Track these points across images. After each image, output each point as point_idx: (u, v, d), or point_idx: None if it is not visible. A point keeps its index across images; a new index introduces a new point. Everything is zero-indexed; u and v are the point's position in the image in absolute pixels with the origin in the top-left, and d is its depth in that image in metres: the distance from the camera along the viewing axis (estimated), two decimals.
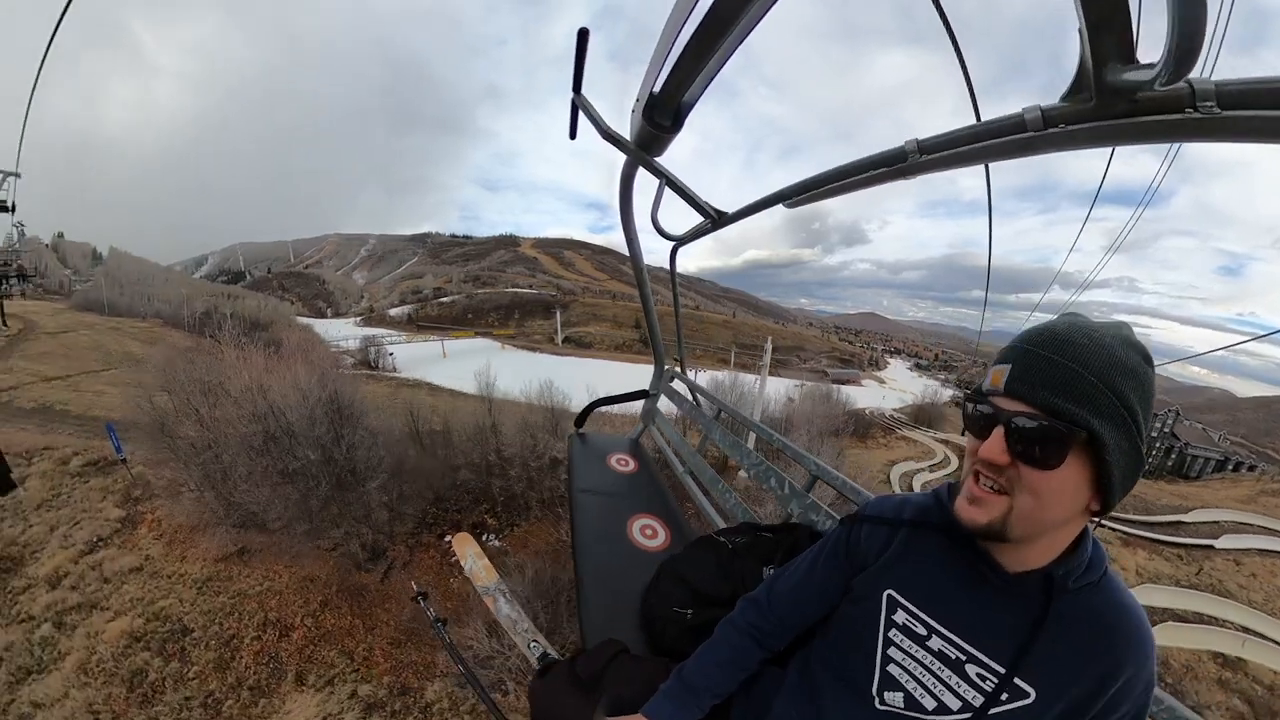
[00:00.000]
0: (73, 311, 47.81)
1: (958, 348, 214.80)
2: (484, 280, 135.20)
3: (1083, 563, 0.70)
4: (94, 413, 23.10)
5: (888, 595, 0.81)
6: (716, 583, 1.32)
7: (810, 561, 0.96)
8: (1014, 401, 0.64)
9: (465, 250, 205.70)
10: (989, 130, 0.80)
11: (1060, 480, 0.62)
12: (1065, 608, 0.69)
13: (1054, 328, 0.65)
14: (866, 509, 0.93)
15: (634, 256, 2.29)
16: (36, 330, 40.01)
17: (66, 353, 36.65)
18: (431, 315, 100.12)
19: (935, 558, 0.79)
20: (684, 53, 0.82)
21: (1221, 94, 0.55)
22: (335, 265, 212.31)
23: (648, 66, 0.93)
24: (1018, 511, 0.65)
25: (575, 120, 1.17)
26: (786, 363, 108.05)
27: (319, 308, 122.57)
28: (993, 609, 0.73)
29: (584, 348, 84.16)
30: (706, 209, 1.69)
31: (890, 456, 31.42)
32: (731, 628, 0.99)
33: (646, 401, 3.01)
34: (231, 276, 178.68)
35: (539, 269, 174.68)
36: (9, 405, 23.41)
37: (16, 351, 35.52)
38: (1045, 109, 0.68)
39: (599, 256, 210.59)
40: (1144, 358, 0.63)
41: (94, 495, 11.81)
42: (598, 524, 2.02)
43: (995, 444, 0.64)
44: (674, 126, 1.05)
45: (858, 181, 1.13)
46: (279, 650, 8.72)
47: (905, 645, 0.78)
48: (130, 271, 65.57)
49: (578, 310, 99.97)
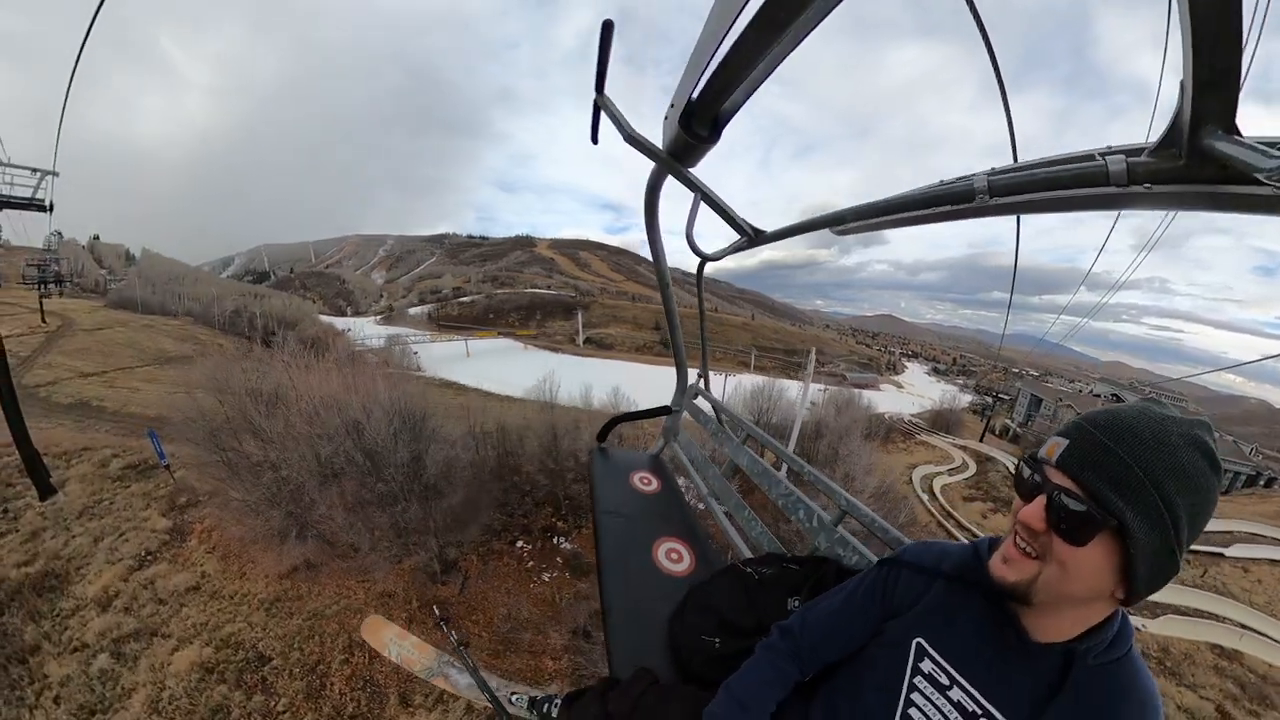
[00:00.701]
0: (108, 309, 48.71)
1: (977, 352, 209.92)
2: (502, 280, 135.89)
3: (1105, 640, 0.72)
4: (130, 409, 23.04)
5: (917, 643, 0.85)
6: (742, 613, 1.32)
7: (846, 598, 1.00)
8: (1062, 475, 0.68)
9: (482, 251, 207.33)
10: (1068, 177, 0.75)
11: (1086, 558, 0.65)
12: (1082, 679, 0.72)
13: (1121, 414, 0.66)
14: (905, 555, 0.96)
15: (659, 269, 2.21)
16: (74, 327, 40.69)
17: (102, 349, 37.12)
18: (452, 315, 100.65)
19: (968, 614, 0.83)
20: (728, 57, 0.75)
21: None
22: (354, 265, 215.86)
23: (685, 69, 0.87)
24: (1044, 578, 0.69)
25: (597, 123, 1.13)
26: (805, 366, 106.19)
27: (339, 306, 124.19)
28: (1014, 672, 0.76)
29: (605, 349, 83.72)
30: (745, 226, 1.64)
31: (911, 460, 31.02)
32: (773, 651, 1.03)
33: (669, 418, 2.93)
34: (257, 276, 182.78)
35: (555, 269, 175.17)
36: (47, 400, 23.46)
37: (55, 347, 36.08)
38: (1131, 161, 0.64)
39: (615, 257, 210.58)
40: (1211, 464, 0.62)
41: (136, 502, 11.22)
42: (623, 547, 1.98)
43: (1035, 511, 0.69)
44: (711, 136, 0.99)
45: (918, 217, 1.05)
46: (372, 673, 7.83)
47: (928, 692, 0.81)
48: (161, 271, 67.07)
49: (597, 311, 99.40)
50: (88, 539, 9.83)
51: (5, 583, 8.43)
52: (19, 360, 31.40)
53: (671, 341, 2.71)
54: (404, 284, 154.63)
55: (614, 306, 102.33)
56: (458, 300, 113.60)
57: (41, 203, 10.23)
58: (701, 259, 2.15)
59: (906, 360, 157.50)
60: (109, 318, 45.79)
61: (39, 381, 25.67)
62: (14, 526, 9.92)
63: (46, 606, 8.26)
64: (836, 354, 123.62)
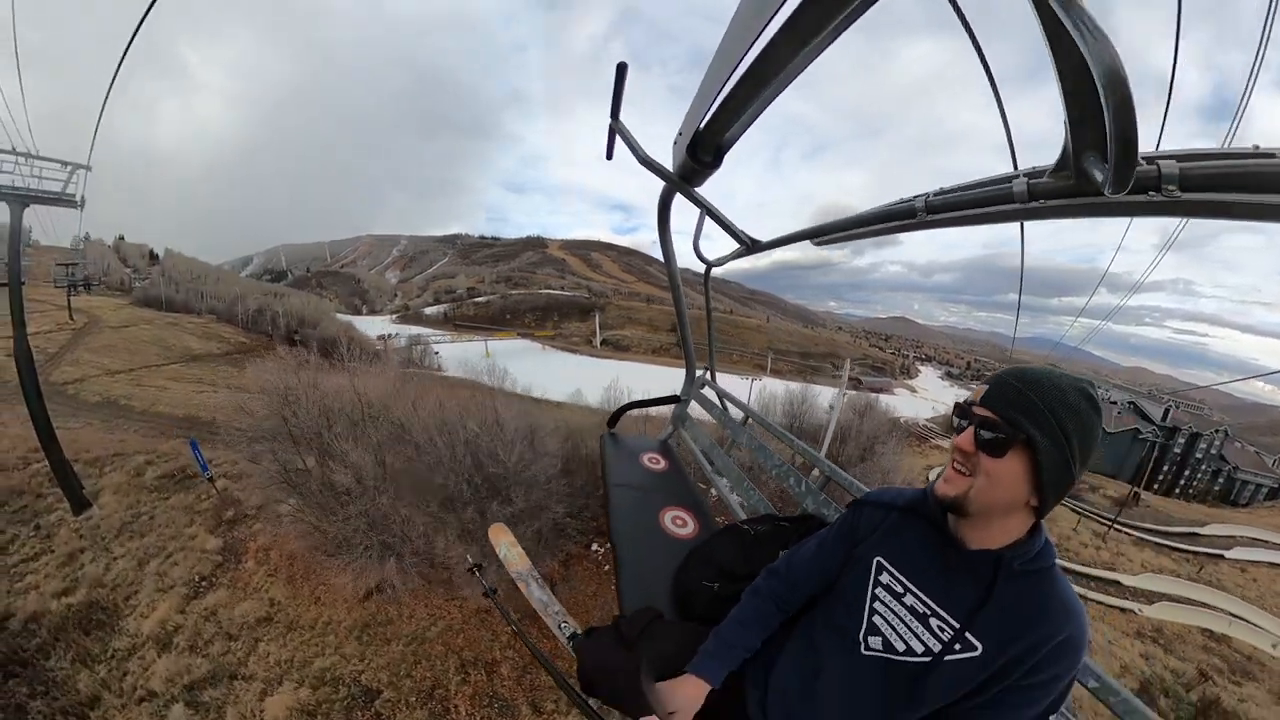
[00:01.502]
0: (133, 307, 48.77)
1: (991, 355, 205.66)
2: (516, 281, 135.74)
3: (1029, 551, 0.87)
4: (158, 409, 22.47)
5: (877, 561, 1.01)
6: (739, 564, 1.50)
7: (821, 538, 1.17)
8: (984, 410, 0.85)
9: (494, 251, 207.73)
10: (984, 198, 0.92)
11: (1006, 468, 0.82)
12: (1011, 583, 0.86)
13: (1029, 369, 0.86)
14: (869, 496, 1.15)
15: (671, 274, 2.47)
16: (100, 324, 40.62)
17: (128, 346, 36.95)
18: (468, 315, 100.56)
19: (917, 536, 0.99)
20: (730, 96, 0.87)
21: (1185, 178, 0.65)
22: (369, 265, 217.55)
23: (692, 103, 1.00)
24: (975, 489, 0.85)
25: (612, 143, 1.30)
26: (820, 369, 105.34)
27: (355, 305, 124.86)
28: (955, 577, 0.91)
29: (621, 350, 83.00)
30: (742, 237, 1.91)
31: (927, 463, 30.38)
32: (756, 595, 1.20)
33: (677, 407, 3.17)
34: (275, 275, 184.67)
35: (568, 270, 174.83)
36: (75, 398, 23.03)
37: (82, 344, 35.98)
38: (1031, 182, 0.80)
39: (625, 258, 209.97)
40: (1093, 407, 0.82)
41: (179, 517, 10.28)
42: (632, 513, 2.18)
43: (966, 437, 0.86)
44: (714, 162, 1.14)
45: (874, 230, 1.25)
46: (495, 689, 7.19)
47: (886, 600, 0.97)
48: (184, 270, 67.69)
49: (612, 313, 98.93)
50: (131, 562, 8.82)
51: (47, 618, 7.32)
52: (47, 357, 31.19)
53: (681, 338, 2.98)
54: (418, 284, 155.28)
55: (629, 308, 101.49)
56: (473, 300, 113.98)
57: (71, 198, 9.43)
58: (706, 265, 2.41)
59: (920, 364, 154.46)
60: (134, 315, 45.80)
61: (67, 379, 25.30)
62: (48, 546, 8.95)
63: (98, 647, 7.12)
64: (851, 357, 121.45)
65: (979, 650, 0.85)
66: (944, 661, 0.87)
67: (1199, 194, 0.65)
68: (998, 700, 0.85)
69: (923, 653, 0.90)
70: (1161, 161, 0.66)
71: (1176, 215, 0.70)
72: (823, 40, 0.73)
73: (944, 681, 0.87)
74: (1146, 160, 0.65)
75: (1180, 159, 0.66)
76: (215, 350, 40.88)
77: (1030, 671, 0.82)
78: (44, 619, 7.29)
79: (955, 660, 0.86)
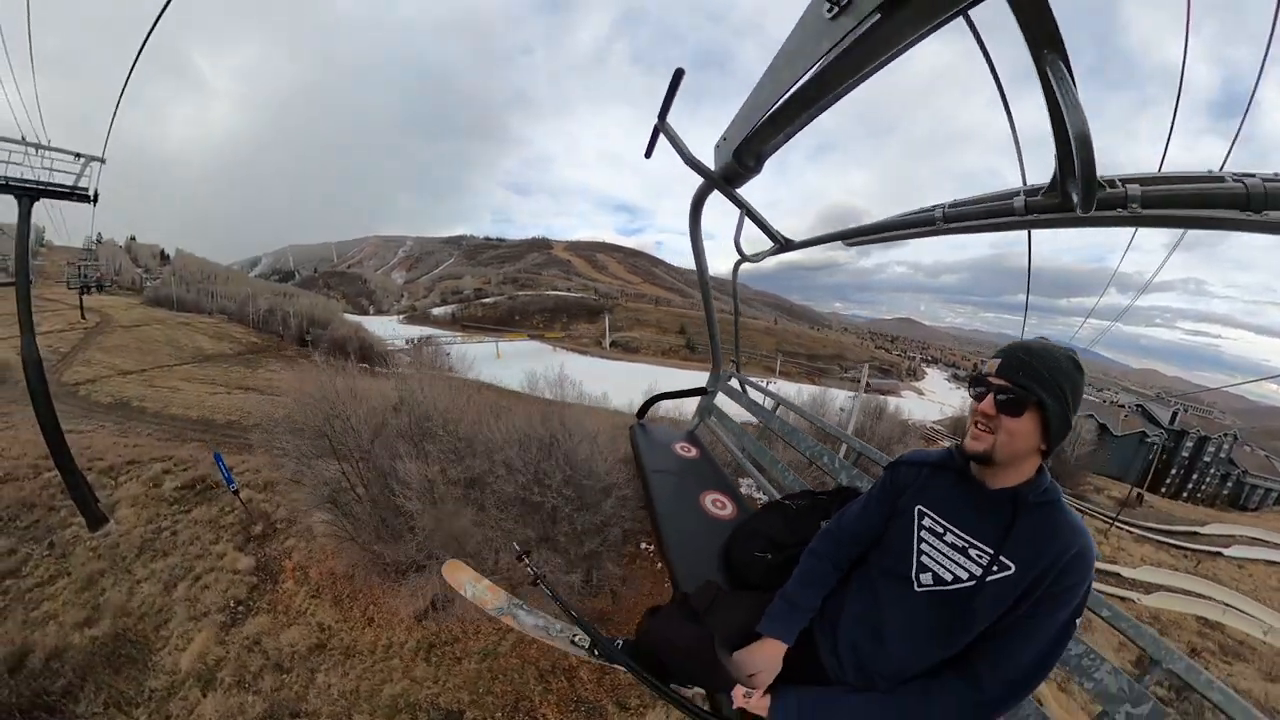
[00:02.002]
0: (144, 307, 48.53)
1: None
2: (523, 283, 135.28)
3: (1039, 487, 1.06)
4: (171, 411, 21.92)
5: (918, 509, 1.18)
6: (786, 535, 1.63)
7: (866, 499, 1.34)
8: (1000, 379, 1.03)
9: (500, 252, 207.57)
10: (990, 210, 1.12)
11: (1021, 425, 1.02)
12: (1029, 513, 1.04)
13: (1030, 343, 1.06)
14: (904, 456, 1.32)
15: (700, 271, 2.58)
16: (112, 323, 40.31)
17: (140, 346, 36.54)
18: (476, 316, 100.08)
19: (948, 485, 1.17)
20: (781, 109, 0.97)
21: (1146, 197, 0.85)
22: (375, 265, 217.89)
23: (741, 110, 1.10)
24: (999, 443, 1.03)
25: (654, 142, 1.36)
26: (828, 372, 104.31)
27: (362, 305, 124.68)
28: (983, 513, 1.09)
29: (631, 352, 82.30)
30: (777, 236, 2.05)
31: None
32: (814, 555, 1.33)
33: (704, 399, 3.29)
34: (282, 276, 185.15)
35: (573, 271, 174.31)
36: (87, 399, 22.54)
37: (94, 344, 35.62)
38: (1029, 199, 1.02)
39: (631, 259, 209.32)
40: (1079, 369, 1.02)
41: (203, 533, 9.50)
42: (673, 497, 2.27)
43: (988, 403, 1.04)
44: (756, 167, 1.30)
45: (899, 234, 1.49)
46: (578, 693, 6.85)
47: (930, 540, 1.14)
48: (195, 270, 67.57)
49: (620, 315, 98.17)
50: (157, 586, 8.00)
51: (70, 654, 6.48)
52: (59, 357, 30.79)
53: (709, 333, 3.06)
54: (424, 284, 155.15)
55: (636, 310, 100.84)
56: (480, 301, 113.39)
57: (85, 192, 8.75)
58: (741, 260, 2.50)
59: (926, 365, 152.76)
60: (146, 315, 45.51)
61: (78, 379, 24.84)
62: (64, 568, 8.13)
63: (132, 688, 6.30)
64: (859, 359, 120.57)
65: (1012, 569, 1.02)
66: (986, 583, 1.04)
67: (1157, 210, 0.85)
68: (1033, 611, 1.01)
69: (968, 579, 1.06)
70: (1128, 185, 0.86)
71: (1139, 227, 0.91)
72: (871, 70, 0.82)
73: (988, 600, 1.03)
74: (1122, 181, 0.87)
75: (1143, 182, 0.86)
76: (227, 350, 40.44)
77: (1055, 581, 0.99)
78: (67, 655, 6.50)
79: (995, 580, 1.03)
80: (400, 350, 43.48)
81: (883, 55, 0.77)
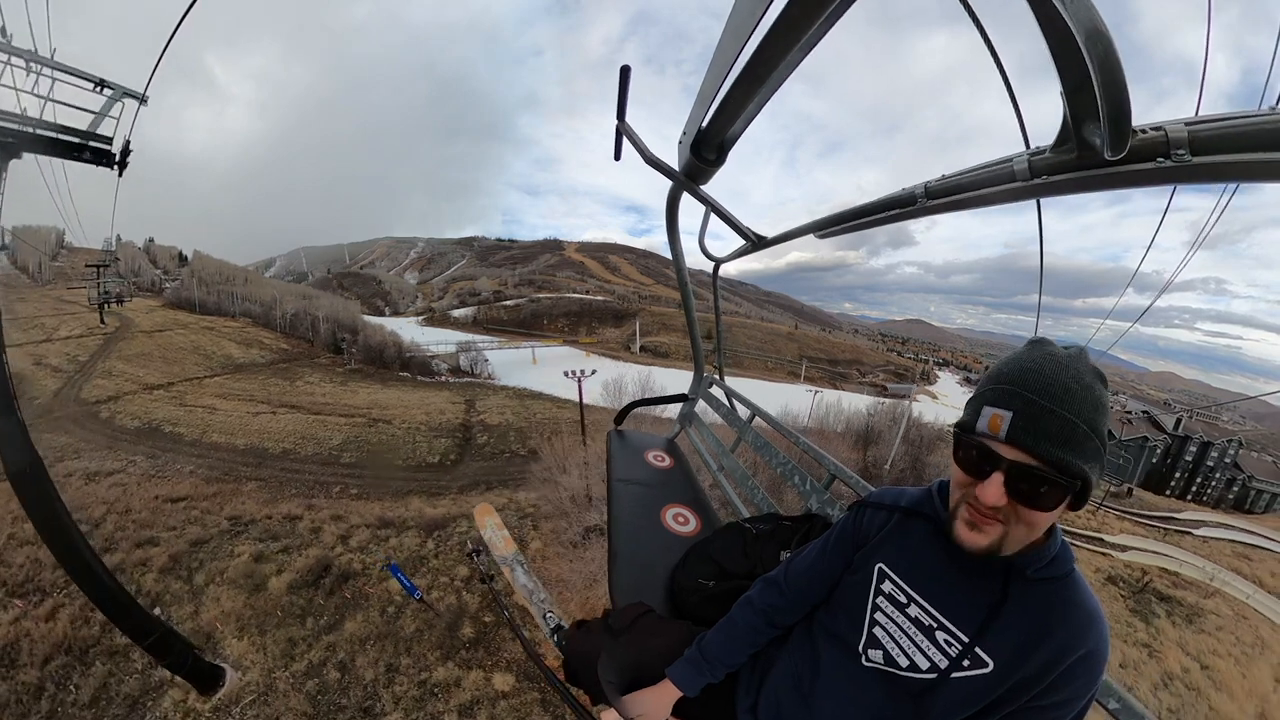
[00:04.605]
0: (165, 309, 45.77)
1: None
2: (539, 284, 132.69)
3: (1045, 556, 0.75)
4: (211, 437, 18.68)
5: (879, 568, 0.90)
6: (739, 561, 1.43)
7: (822, 544, 1.04)
8: (1015, 451, 0.67)
9: (512, 254, 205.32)
10: (984, 179, 0.87)
11: (1050, 514, 0.70)
12: (1025, 593, 0.75)
13: (1041, 370, 0.68)
14: (871, 496, 1.02)
15: (679, 271, 2.48)
16: (133, 328, 37.31)
17: (164, 354, 33.42)
18: (499, 319, 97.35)
19: (921, 540, 0.88)
20: (729, 94, 0.87)
21: (1194, 140, 0.60)
22: (387, 266, 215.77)
23: (694, 103, 0.99)
24: (1012, 537, 0.72)
25: (620, 144, 1.23)
26: (847, 377, 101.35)
27: (377, 306, 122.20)
28: (963, 587, 0.80)
29: (660, 356, 79.48)
30: (748, 233, 1.81)
31: None
32: (749, 607, 1.07)
33: (684, 405, 3.11)
34: (296, 277, 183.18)
35: (587, 273, 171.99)
36: (110, 422, 19.33)
37: (114, 351, 32.58)
38: (1032, 160, 0.76)
39: (643, 260, 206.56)
40: (1105, 385, 0.70)
41: (388, 654, 5.84)
42: (633, 509, 2.11)
43: (994, 490, 0.68)
44: (718, 160, 1.12)
45: (876, 220, 1.23)
46: None
47: (889, 610, 0.86)
48: (213, 272, 65.72)
49: (646, 319, 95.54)
50: None
51: None
52: (77, 366, 27.68)
53: (691, 338, 2.95)
54: (438, 285, 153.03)
55: (661, 314, 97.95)
56: (501, 304, 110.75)
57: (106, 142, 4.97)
58: (714, 262, 2.43)
59: (938, 369, 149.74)
60: (168, 318, 42.56)
61: (100, 396, 21.72)
62: None
63: None
64: (875, 364, 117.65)
65: (990, 667, 0.76)
66: (950, 679, 0.78)
67: (1212, 156, 0.60)
68: None
69: (928, 669, 0.80)
70: (1169, 126, 0.62)
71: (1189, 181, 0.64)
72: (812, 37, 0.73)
73: (950, 701, 0.78)
74: (1153, 128, 0.62)
75: (1188, 123, 0.62)
76: (259, 359, 37.39)
77: (1046, 691, 0.73)
78: None
79: (963, 678, 0.77)
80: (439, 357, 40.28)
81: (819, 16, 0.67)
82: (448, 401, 28.82)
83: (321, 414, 22.30)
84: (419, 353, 42.47)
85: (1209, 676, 11.68)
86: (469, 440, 21.96)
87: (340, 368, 36.66)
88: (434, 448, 19.68)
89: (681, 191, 1.66)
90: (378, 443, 18.81)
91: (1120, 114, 0.56)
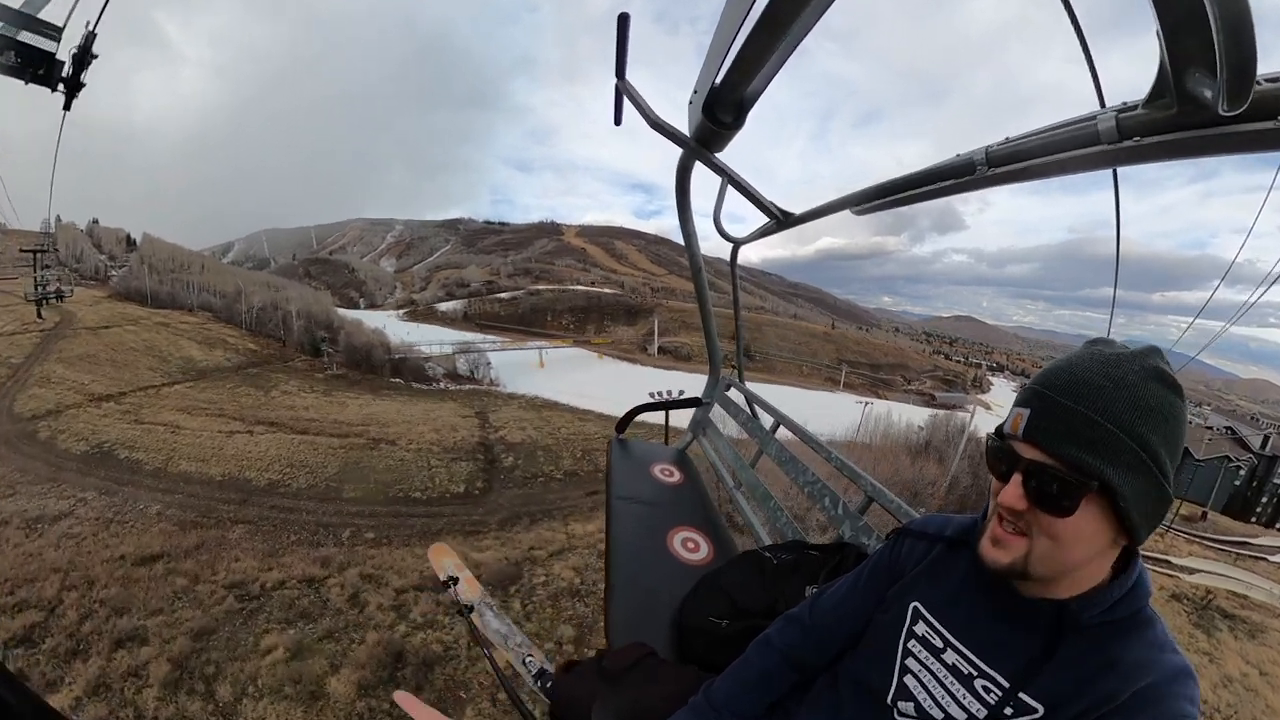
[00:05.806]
0: (112, 301, 44.31)
1: None
2: (537, 274, 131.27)
3: (1109, 599, 0.72)
4: (179, 465, 16.85)
5: (913, 607, 0.89)
6: (757, 596, 1.40)
7: (855, 577, 1.02)
8: (1032, 449, 0.70)
9: (503, 238, 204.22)
10: (1060, 142, 0.81)
11: (1076, 525, 0.67)
12: (1077, 637, 0.72)
13: (1075, 367, 0.69)
14: (913, 524, 1.00)
15: (692, 256, 2.44)
16: (75, 323, 35.70)
17: (113, 356, 31.71)
18: (494, 314, 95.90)
19: (963, 575, 0.86)
20: (746, 45, 0.83)
21: None
22: (360, 251, 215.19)
23: (705, 57, 0.96)
24: (1037, 553, 0.70)
25: (620, 106, 1.22)
26: (891, 384, 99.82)
27: (350, 298, 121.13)
28: (1008, 632, 0.78)
29: (682, 360, 77.89)
30: (772, 209, 1.76)
31: None
32: (768, 648, 1.04)
33: (698, 411, 3.06)
34: (256, 263, 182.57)
35: (590, 261, 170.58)
36: (52, 446, 17.61)
37: (53, 352, 30.98)
38: (1121, 118, 0.69)
39: (652, 248, 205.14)
40: (1172, 389, 0.66)
41: None
42: (635, 532, 2.07)
43: (1013, 491, 0.71)
44: (735, 123, 1.08)
45: (926, 193, 1.16)
46: None
47: (922, 656, 0.85)
48: (165, 258, 64.76)
49: (663, 316, 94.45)
50: None
51: None
52: (9, 370, 26.15)
53: (705, 332, 2.89)
54: (419, 273, 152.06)
55: (680, 311, 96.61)
56: (495, 297, 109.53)
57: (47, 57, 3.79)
58: (733, 244, 2.38)
59: (990, 374, 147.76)
60: (115, 312, 41.12)
61: (37, 410, 20.08)
62: None
63: None
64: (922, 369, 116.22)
65: (1039, 713, 0.72)
66: None
67: None
68: None
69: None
70: None
71: None
72: None
73: None
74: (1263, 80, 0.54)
75: None
76: (224, 362, 35.85)
77: None
78: None
79: None
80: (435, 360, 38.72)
81: None
82: (456, 415, 27.32)
83: (309, 433, 20.70)
84: (411, 355, 40.95)
85: (1267, 681, 12.90)
86: (493, 463, 20.53)
87: (320, 373, 35.21)
88: (455, 474, 18.20)
89: (693, 161, 1.61)
90: (384, 470, 17.26)
91: (1243, 56, 0.48)
